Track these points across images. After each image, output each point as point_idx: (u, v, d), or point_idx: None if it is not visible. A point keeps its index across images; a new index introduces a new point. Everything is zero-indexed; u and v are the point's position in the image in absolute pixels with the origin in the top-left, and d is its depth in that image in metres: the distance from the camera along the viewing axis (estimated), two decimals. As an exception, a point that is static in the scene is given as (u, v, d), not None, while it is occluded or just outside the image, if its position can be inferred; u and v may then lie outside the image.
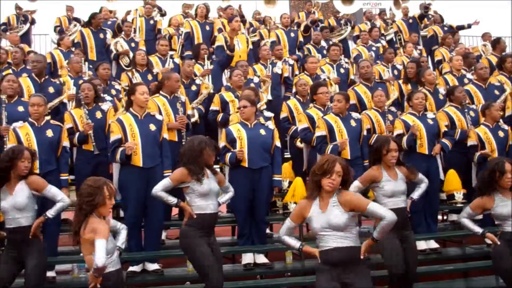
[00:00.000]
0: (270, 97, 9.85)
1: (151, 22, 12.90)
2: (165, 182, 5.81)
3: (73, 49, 11.10)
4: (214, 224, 5.90)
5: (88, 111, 7.75)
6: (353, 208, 4.74)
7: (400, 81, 10.03)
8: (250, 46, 11.44)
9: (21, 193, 5.67)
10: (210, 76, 9.93)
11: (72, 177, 7.83)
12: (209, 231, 5.80)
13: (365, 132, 7.91)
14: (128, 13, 13.35)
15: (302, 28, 13.21)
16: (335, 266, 4.71)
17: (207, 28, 12.14)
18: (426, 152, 7.87)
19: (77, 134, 7.61)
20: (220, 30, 12.07)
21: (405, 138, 7.82)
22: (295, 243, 5.14)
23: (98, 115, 7.81)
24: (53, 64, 10.86)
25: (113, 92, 9.11)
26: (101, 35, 11.49)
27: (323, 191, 4.82)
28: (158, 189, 5.79)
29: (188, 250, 5.75)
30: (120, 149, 6.89)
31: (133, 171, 6.95)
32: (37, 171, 6.61)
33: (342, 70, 10.84)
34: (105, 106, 7.93)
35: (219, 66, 10.20)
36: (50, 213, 5.71)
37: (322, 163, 4.79)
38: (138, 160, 6.95)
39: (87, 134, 7.61)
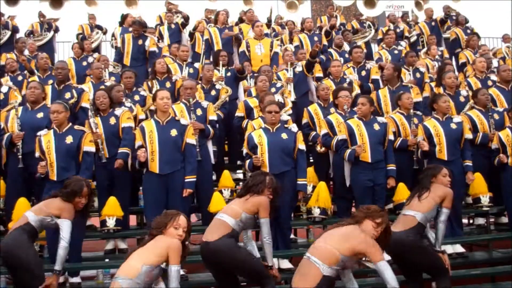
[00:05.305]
0: (293, 98, 9.80)
1: (172, 26, 12.97)
2: None
3: (90, 59, 11.27)
4: None
5: (103, 118, 7.75)
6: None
7: (433, 84, 9.92)
8: (275, 50, 11.38)
9: None
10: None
11: (94, 183, 7.80)
12: None
13: (391, 137, 7.84)
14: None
15: (323, 32, 13.19)
16: None
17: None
18: (445, 158, 7.76)
19: None
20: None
21: (419, 150, 7.88)
22: None
23: (112, 121, 7.75)
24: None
25: (137, 97, 9.14)
26: (140, 41, 11.58)
27: None
28: None
29: (238, 259, 5.71)
30: None
31: (151, 177, 7.03)
32: (55, 178, 6.72)
33: (363, 73, 10.77)
34: (118, 111, 7.87)
35: (234, 74, 10.24)
36: (56, 267, 5.77)
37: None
38: (154, 166, 7.01)
39: (96, 143, 7.52)
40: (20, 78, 10.04)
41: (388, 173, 7.62)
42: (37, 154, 6.97)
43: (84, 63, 11.17)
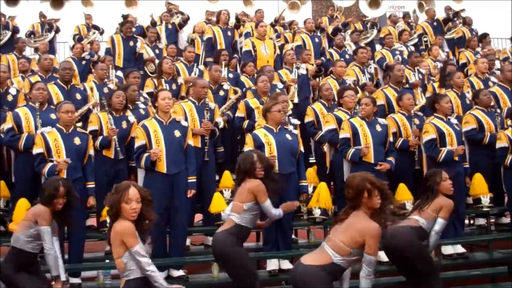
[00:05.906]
0: (296, 101, 9.80)
1: (170, 26, 13.01)
2: None
3: (87, 57, 11.40)
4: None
5: (115, 118, 7.72)
6: None
7: (435, 84, 9.90)
8: (278, 52, 11.43)
9: None
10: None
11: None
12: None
13: (390, 138, 7.81)
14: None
15: (330, 30, 13.25)
16: None
17: (229, 33, 12.23)
18: (456, 158, 7.76)
19: (100, 138, 7.54)
20: (248, 35, 12.07)
21: (443, 153, 7.71)
22: None
23: (124, 124, 7.77)
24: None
25: (142, 99, 9.11)
26: (131, 43, 11.54)
27: None
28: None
29: (230, 256, 5.68)
30: (145, 155, 6.92)
31: (157, 177, 6.96)
32: (65, 177, 6.62)
33: (367, 75, 10.77)
34: (132, 118, 7.90)
35: (236, 75, 10.29)
36: (53, 274, 5.75)
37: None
38: (162, 166, 6.97)
39: (111, 139, 7.55)
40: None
41: (386, 162, 7.60)
42: (39, 150, 6.86)
43: (83, 62, 11.29)
